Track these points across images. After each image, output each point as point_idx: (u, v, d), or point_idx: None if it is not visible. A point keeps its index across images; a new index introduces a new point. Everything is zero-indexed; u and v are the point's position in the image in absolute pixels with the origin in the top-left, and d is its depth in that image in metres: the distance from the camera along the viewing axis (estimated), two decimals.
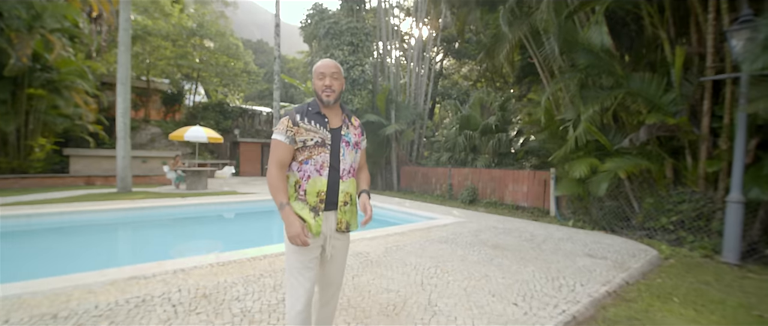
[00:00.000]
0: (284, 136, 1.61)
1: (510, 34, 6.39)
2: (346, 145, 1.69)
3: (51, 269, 4.37)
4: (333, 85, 1.65)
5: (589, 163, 5.80)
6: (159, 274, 3.24)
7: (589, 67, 5.43)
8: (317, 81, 1.67)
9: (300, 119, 1.63)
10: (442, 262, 3.85)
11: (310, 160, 1.62)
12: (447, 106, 16.86)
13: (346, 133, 1.71)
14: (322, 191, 1.63)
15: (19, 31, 9.81)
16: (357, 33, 12.25)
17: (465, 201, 9.79)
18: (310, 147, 1.61)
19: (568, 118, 5.88)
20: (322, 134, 1.64)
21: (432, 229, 5.56)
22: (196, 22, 20.31)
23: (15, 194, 9.03)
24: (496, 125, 10.62)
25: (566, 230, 6.07)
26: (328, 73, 1.66)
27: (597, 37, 4.69)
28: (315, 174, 1.62)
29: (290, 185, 1.66)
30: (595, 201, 6.49)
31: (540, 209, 8.29)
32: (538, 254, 4.34)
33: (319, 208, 1.63)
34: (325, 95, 1.65)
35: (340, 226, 1.70)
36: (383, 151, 13.13)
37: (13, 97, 10.62)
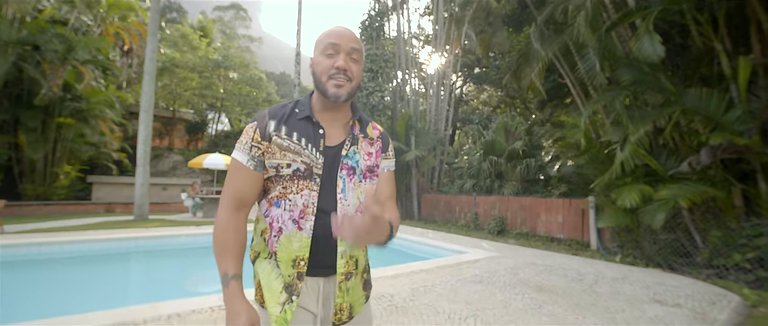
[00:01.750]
0: (247, 155, 0.95)
1: (542, 51, 5.97)
2: (348, 173, 0.99)
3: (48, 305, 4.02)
4: (350, 68, 0.96)
5: (639, 190, 5.12)
6: (150, 320, 2.79)
7: (635, 83, 4.90)
8: (322, 58, 0.96)
9: (274, 128, 0.95)
10: (481, 310, 3.24)
11: (284, 201, 0.94)
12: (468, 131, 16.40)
13: (351, 154, 1.00)
14: (302, 258, 0.94)
15: (52, 62, 10.20)
16: (376, 60, 12.19)
17: (493, 231, 9.07)
18: (284, 178, 0.94)
19: (614, 140, 5.28)
20: (307, 157, 0.95)
21: (463, 266, 4.94)
22: (222, 55, 21.08)
23: (36, 221, 9.01)
24: (523, 150, 10.02)
25: (616, 267, 5.30)
26: (344, 46, 0.95)
27: (648, 48, 4.20)
28: (290, 227, 0.94)
29: (258, 234, 1.01)
30: (647, 234, 5.71)
31: (578, 241, 7.49)
32: (595, 299, 3.66)
33: (295, 289, 0.94)
34: (334, 84, 0.94)
35: (341, 316, 1.00)
36: (403, 178, 12.64)
37: (43, 125, 10.93)
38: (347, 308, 1.01)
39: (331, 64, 0.94)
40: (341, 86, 0.95)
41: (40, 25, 10.61)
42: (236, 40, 28.48)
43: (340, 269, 0.97)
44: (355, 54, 0.98)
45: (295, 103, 1.03)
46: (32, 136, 10.62)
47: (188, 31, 20.10)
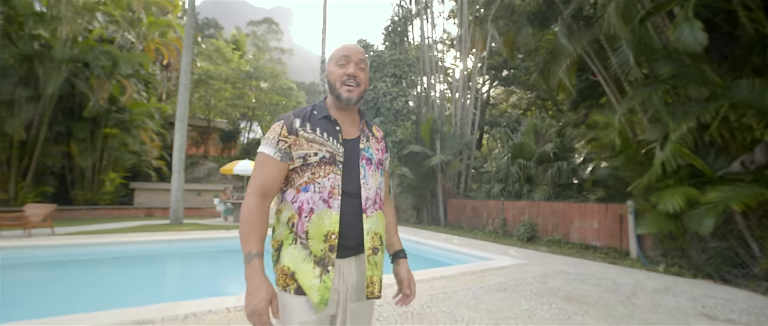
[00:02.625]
0: (274, 148, 1.08)
1: (569, 47, 5.66)
2: (367, 163, 1.16)
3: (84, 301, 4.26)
4: (358, 75, 1.15)
5: (684, 193, 4.67)
6: (168, 319, 2.85)
7: (675, 76, 4.50)
8: (336, 68, 1.15)
9: (300, 125, 1.11)
10: (503, 319, 3.05)
11: (313, 185, 1.07)
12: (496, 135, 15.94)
13: (367, 147, 1.19)
14: (334, 232, 1.06)
15: (99, 77, 11.04)
16: (400, 64, 12.17)
17: (522, 238, 8.66)
18: (312, 165, 1.08)
19: (653, 139, 4.88)
20: (331, 147, 1.11)
21: (487, 273, 4.72)
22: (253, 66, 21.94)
23: (84, 224, 9.69)
24: (554, 153, 9.54)
25: (659, 277, 4.86)
26: (353, 58, 1.15)
27: (689, 37, 3.84)
28: (321, 206, 1.06)
29: (283, 223, 1.10)
30: (694, 241, 5.20)
31: (616, 249, 6.96)
32: (631, 311, 3.34)
33: (328, 260, 1.05)
34: (346, 89, 1.13)
35: (372, 288, 1.12)
36: (428, 183, 12.45)
37: (91, 135, 11.81)
38: (378, 282, 1.14)
39: (343, 72, 1.14)
40: (352, 90, 1.14)
41: (89, 44, 11.54)
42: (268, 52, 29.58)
43: (367, 244, 1.11)
44: (362, 64, 1.18)
45: (313, 106, 1.20)
46: (82, 146, 11.50)
47: (222, 44, 21.12)
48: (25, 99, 9.91)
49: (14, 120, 9.80)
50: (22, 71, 9.95)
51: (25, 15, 10.29)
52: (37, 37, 10.45)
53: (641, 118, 5.84)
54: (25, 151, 10.69)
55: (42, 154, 11.03)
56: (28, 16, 10.34)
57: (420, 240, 7.82)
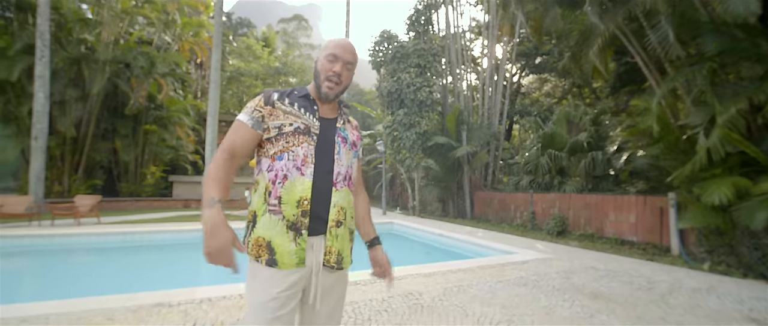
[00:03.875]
0: (248, 116, 1.16)
1: (601, 26, 5.23)
2: (342, 141, 1.23)
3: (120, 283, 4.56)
4: (343, 75, 1.21)
5: (732, 183, 4.20)
6: (184, 303, 2.97)
7: (723, 53, 4.03)
8: (325, 61, 1.21)
9: (277, 98, 1.18)
10: (518, 316, 2.89)
11: (287, 153, 1.13)
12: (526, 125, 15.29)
13: (343, 128, 1.26)
14: (306, 198, 1.11)
15: (138, 77, 11.73)
16: (424, 54, 11.89)
17: (552, 232, 8.26)
18: (287, 134, 1.14)
19: (696, 123, 4.42)
20: (306, 120, 1.17)
21: (507, 267, 4.52)
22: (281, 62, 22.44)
23: (128, 214, 10.43)
24: (588, 142, 8.96)
25: (701, 276, 4.43)
26: (343, 57, 1.20)
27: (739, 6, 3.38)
28: (294, 173, 1.12)
29: (259, 194, 1.15)
30: (745, 237, 4.68)
31: (656, 245, 6.44)
32: (665, 312, 3.05)
33: (301, 224, 1.10)
34: (328, 85, 1.20)
35: (329, 258, 1.15)
36: (454, 176, 12.18)
37: (134, 132, 12.62)
38: (335, 253, 1.17)
39: (330, 68, 1.19)
40: (332, 88, 1.20)
41: (129, 46, 12.27)
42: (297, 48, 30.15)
43: (331, 216, 1.15)
44: (349, 66, 1.23)
45: (294, 89, 1.27)
46: (125, 141, 12.32)
47: (252, 42, 21.77)
48: (74, 99, 10.74)
49: (66, 118, 10.66)
50: (71, 73, 10.77)
51: (72, 21, 11.09)
52: (84, 41, 11.25)
53: (685, 100, 5.32)
54: (76, 147, 11.62)
55: (91, 149, 11.94)
56: (76, 22, 11.15)
57: (443, 232, 7.67)
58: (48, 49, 9.29)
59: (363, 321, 2.69)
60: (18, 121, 10.34)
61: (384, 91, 12.26)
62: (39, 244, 6.33)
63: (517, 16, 10.30)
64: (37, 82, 9.21)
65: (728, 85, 4.17)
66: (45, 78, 9.30)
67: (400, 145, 11.85)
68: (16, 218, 7.66)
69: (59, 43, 10.79)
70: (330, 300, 1.20)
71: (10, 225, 7.33)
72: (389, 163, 14.01)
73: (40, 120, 9.30)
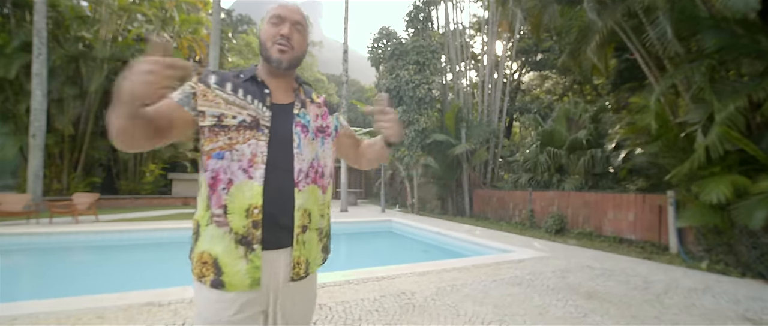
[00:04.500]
0: (179, 91, 0.94)
1: (599, 22, 5.16)
2: (302, 130, 1.03)
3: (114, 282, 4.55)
4: (293, 37, 1.01)
5: (731, 181, 4.16)
6: (175, 302, 2.95)
7: (722, 49, 3.96)
8: (268, 26, 1.02)
9: (215, 81, 0.97)
10: (510, 315, 2.86)
11: (229, 152, 0.92)
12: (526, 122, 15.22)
13: (302, 113, 1.05)
14: (256, 206, 0.92)
15: None
16: (423, 51, 11.82)
17: (550, 230, 8.22)
18: (230, 128, 0.93)
19: (694, 121, 4.36)
20: (254, 110, 0.97)
21: (502, 266, 4.49)
22: None
23: (128, 211, 10.43)
24: (587, 140, 8.91)
25: (698, 275, 4.39)
26: (290, 18, 1.01)
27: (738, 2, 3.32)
28: (240, 176, 0.92)
29: (202, 198, 0.95)
30: (743, 236, 4.64)
31: (654, 243, 6.41)
32: (660, 312, 3.02)
33: (253, 238, 0.92)
34: (278, 49, 0.99)
35: (297, 270, 0.99)
36: (453, 173, 12.14)
37: None
38: (304, 263, 1.02)
39: (276, 32, 1.01)
40: (284, 52, 1.01)
41: (127, 43, 12.23)
42: None
43: (297, 222, 0.98)
44: (298, 26, 1.04)
45: (239, 70, 1.07)
46: None
47: (252, 39, 21.70)
48: (72, 96, 10.71)
49: (64, 116, 10.64)
50: (69, 71, 10.74)
51: (70, 18, 11.05)
52: (82, 39, 11.21)
53: (684, 98, 5.25)
54: (75, 144, 11.60)
55: (90, 147, 11.92)
56: (73, 19, 11.11)
57: (440, 230, 7.64)
58: (45, 46, 9.26)
59: (353, 321, 2.66)
60: (16, 119, 10.33)
61: (383, 88, 12.21)
62: (36, 242, 6.34)
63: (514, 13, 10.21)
64: (35, 79, 9.19)
65: (727, 82, 4.11)
66: (42, 76, 9.27)
67: None
68: (14, 216, 7.66)
69: (57, 40, 10.76)
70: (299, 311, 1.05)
71: (8, 223, 7.34)
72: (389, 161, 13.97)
73: (37, 118, 9.29)
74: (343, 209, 12.28)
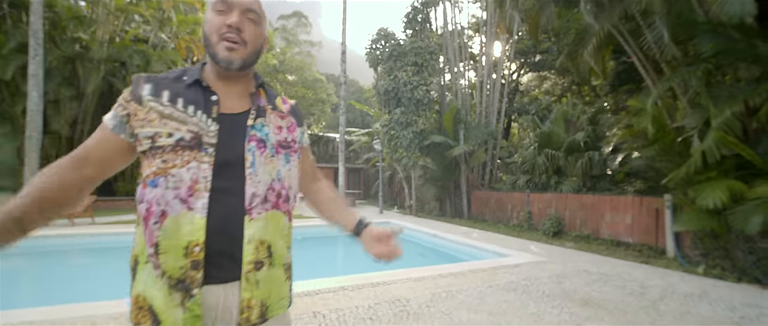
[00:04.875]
0: (113, 113, 0.82)
1: (596, 26, 5.15)
2: (258, 145, 0.84)
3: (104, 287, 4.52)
4: (244, 29, 0.82)
5: (727, 187, 4.15)
6: None
7: (719, 54, 3.95)
8: (213, 15, 0.83)
9: (150, 91, 0.80)
10: (505, 322, 2.85)
11: (164, 178, 0.76)
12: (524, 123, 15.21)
13: (259, 125, 0.86)
14: (197, 243, 0.76)
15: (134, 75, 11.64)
16: (421, 52, 11.80)
17: (548, 233, 8.21)
18: (164, 149, 0.77)
19: (690, 126, 4.35)
20: (195, 124, 0.79)
21: (498, 270, 4.48)
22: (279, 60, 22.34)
23: (124, 213, 10.41)
24: (585, 142, 8.90)
25: (695, 280, 4.38)
26: (239, 4, 0.82)
27: (734, 6, 3.31)
28: (176, 208, 0.76)
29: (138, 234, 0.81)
30: (739, 241, 4.63)
31: (651, 247, 6.40)
32: (654, 319, 3.01)
33: (192, 282, 0.76)
34: (226, 46, 0.81)
35: (247, 314, 0.81)
36: (451, 175, 12.12)
37: None
38: (257, 305, 0.83)
39: (222, 22, 0.81)
40: (234, 49, 0.81)
41: (124, 44, 12.19)
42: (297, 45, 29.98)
43: (247, 257, 0.80)
44: (251, 15, 0.84)
45: (183, 70, 0.87)
46: None
47: None
48: (69, 97, 10.67)
49: (60, 117, 10.60)
50: (66, 72, 10.70)
51: (67, 19, 11.01)
52: (78, 40, 11.16)
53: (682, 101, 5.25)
54: (71, 146, 11.55)
55: None
56: (70, 20, 11.06)
57: (437, 233, 7.63)
58: (41, 47, 9.21)
59: None
60: (12, 120, 10.29)
61: (381, 90, 12.19)
62: (32, 246, 6.30)
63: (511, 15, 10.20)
64: (31, 80, 9.14)
65: (724, 87, 4.10)
66: (38, 77, 9.22)
67: (397, 144, 11.80)
68: None
69: (53, 41, 10.70)
70: None
71: None
72: (387, 162, 13.96)
73: (34, 119, 9.23)
74: None
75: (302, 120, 1.02)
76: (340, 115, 12.98)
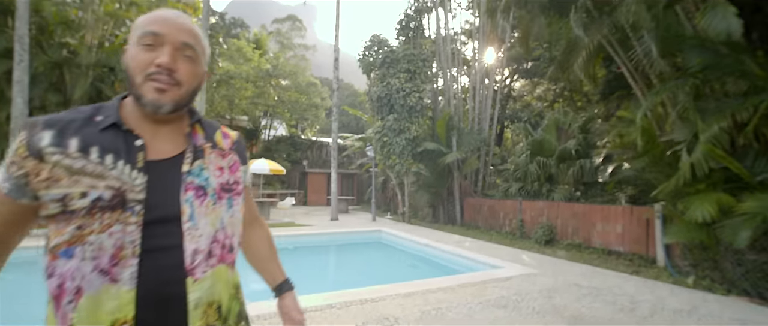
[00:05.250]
0: (4, 174, 0.68)
1: (586, 38, 5.17)
2: (196, 194, 0.73)
3: None
4: (177, 68, 0.71)
5: (716, 200, 4.15)
6: None
7: (706, 68, 3.98)
8: (140, 51, 0.70)
9: (51, 141, 0.66)
10: None
11: (79, 247, 0.64)
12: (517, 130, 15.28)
13: (197, 169, 0.75)
14: (124, 319, 0.64)
15: (123, 81, 11.47)
16: (414, 59, 11.81)
17: (540, 241, 8.20)
18: (79, 213, 0.64)
19: (679, 139, 4.37)
20: (115, 179, 0.66)
21: (489, 285, 4.43)
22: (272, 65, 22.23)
23: None
24: (576, 150, 8.94)
25: (685, 293, 4.38)
26: (172, 38, 0.70)
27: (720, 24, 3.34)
28: (96, 282, 0.64)
29: (49, 314, 0.69)
30: (728, 253, 4.64)
31: (642, 256, 6.41)
32: None
33: None
34: (155, 87, 0.69)
35: None
36: (444, 182, 12.11)
37: None
38: None
39: (149, 59, 0.69)
40: (164, 91, 0.69)
41: (114, 49, 12.02)
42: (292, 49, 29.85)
43: (194, 322, 0.70)
44: (188, 50, 0.73)
45: (96, 108, 0.73)
46: None
47: (243, 44, 21.52)
48: (55, 104, 10.47)
49: None
50: (53, 77, 10.51)
51: (54, 24, 10.83)
52: (66, 45, 10.99)
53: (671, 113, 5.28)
54: None
55: None
56: (57, 25, 10.88)
57: (430, 242, 7.58)
58: (27, 53, 9.03)
59: None
60: None
61: (374, 96, 12.16)
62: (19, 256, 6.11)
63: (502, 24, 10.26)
64: (16, 87, 8.95)
65: (712, 101, 4.12)
66: (23, 83, 9.04)
67: (390, 151, 11.76)
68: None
69: (40, 46, 10.51)
70: None
71: None
72: (381, 168, 13.91)
73: (18, 126, 9.04)
74: (334, 218, 12.16)
75: (246, 156, 0.91)
76: (333, 122, 12.91)
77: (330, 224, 10.97)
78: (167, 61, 0.69)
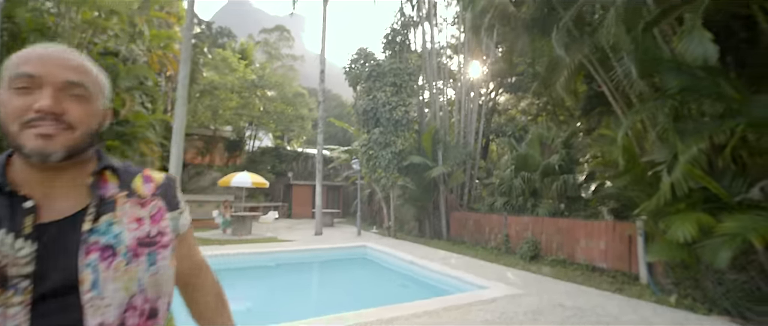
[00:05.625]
0: None
1: (567, 59, 5.24)
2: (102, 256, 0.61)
3: None
4: (65, 111, 0.61)
5: (696, 220, 4.18)
6: None
7: (684, 90, 4.05)
8: (11, 96, 0.60)
9: None
10: None
11: None
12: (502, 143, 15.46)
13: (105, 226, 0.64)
14: None
15: None
16: (400, 73, 11.85)
17: (525, 257, 8.17)
18: None
19: (660, 160, 4.42)
20: None
21: (473, 307, 4.33)
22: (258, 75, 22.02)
23: None
24: (560, 165, 9.04)
25: (668, 313, 4.37)
26: (49, 77, 0.60)
27: (697, 49, 3.41)
28: None
29: None
30: (709, 272, 4.68)
31: (625, 273, 6.43)
32: None
33: None
34: (36, 133, 0.59)
35: None
36: (430, 195, 12.05)
37: None
38: None
39: (26, 105, 0.59)
40: (51, 136, 0.59)
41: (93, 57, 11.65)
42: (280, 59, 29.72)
43: None
44: (76, 89, 0.62)
45: None
46: None
47: (228, 54, 21.30)
48: None
49: None
50: None
51: (27, 31, 10.44)
52: None
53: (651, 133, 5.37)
54: None
55: None
56: (31, 32, 10.49)
57: (415, 260, 7.44)
58: None
59: None
60: None
61: (360, 109, 12.11)
62: None
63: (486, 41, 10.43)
64: None
65: (691, 122, 4.20)
66: None
67: (376, 164, 11.66)
68: None
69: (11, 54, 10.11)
70: None
71: None
72: (367, 181, 13.78)
73: None
74: (318, 232, 11.90)
75: (177, 200, 0.78)
76: (318, 134, 12.78)
77: (314, 239, 10.72)
78: (49, 104, 0.59)
